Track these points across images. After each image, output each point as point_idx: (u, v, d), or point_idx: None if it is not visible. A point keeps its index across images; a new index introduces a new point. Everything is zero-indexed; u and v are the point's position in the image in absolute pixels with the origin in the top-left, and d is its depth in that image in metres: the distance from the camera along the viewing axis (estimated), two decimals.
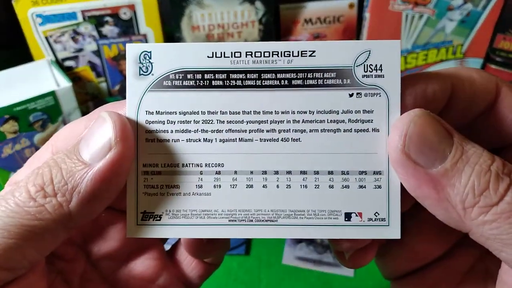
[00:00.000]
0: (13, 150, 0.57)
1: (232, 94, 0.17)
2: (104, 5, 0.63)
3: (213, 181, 0.17)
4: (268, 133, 0.17)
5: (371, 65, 0.17)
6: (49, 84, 0.59)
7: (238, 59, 0.17)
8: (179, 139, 0.17)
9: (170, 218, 0.17)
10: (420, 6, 0.68)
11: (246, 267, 0.55)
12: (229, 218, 0.17)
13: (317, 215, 0.17)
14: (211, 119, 0.17)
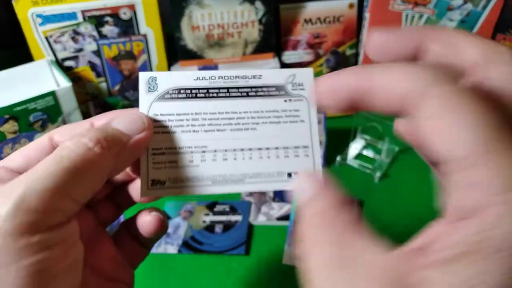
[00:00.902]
0: (13, 150, 0.57)
1: (211, 101, 0.26)
2: (104, 5, 0.63)
3: (200, 157, 0.26)
4: (235, 125, 0.26)
5: (296, 83, 0.27)
6: (49, 84, 0.59)
7: (214, 80, 0.26)
8: (176, 131, 0.26)
9: (171, 183, 0.26)
10: (420, 6, 0.68)
11: (246, 266, 0.55)
12: (212, 180, 0.26)
13: (270, 176, 0.26)
14: (197, 117, 0.26)
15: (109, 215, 0.31)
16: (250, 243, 0.57)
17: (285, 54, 0.76)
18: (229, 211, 0.61)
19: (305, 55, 0.76)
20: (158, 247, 0.57)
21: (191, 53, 0.71)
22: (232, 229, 0.58)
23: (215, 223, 0.60)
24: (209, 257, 0.56)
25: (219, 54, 0.72)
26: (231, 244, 0.56)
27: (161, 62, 0.70)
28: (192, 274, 0.54)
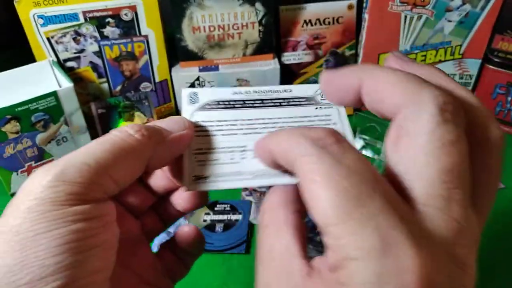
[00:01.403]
0: (15, 150, 0.58)
1: (247, 110, 0.29)
2: (105, 6, 0.64)
3: (240, 155, 0.27)
4: (272, 128, 0.28)
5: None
6: (50, 85, 0.59)
7: (249, 94, 0.30)
8: (216, 134, 0.28)
9: (214, 177, 0.27)
10: (419, 7, 0.69)
11: (246, 266, 0.55)
12: (252, 175, 0.27)
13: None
14: (236, 123, 0.28)
15: (153, 227, 0.32)
16: (250, 242, 0.58)
17: (285, 55, 0.76)
18: (230, 210, 0.62)
19: (305, 56, 0.77)
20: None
21: (191, 54, 0.71)
22: (233, 228, 0.59)
23: (215, 222, 0.60)
24: (210, 256, 0.56)
25: (220, 55, 0.72)
26: (232, 243, 0.57)
27: (162, 63, 0.71)
28: (193, 272, 0.54)
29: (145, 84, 0.72)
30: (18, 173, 0.59)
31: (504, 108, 0.75)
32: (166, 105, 0.76)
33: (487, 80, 0.74)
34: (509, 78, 0.72)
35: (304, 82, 0.79)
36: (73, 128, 0.61)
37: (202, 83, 0.72)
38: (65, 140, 0.61)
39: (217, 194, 0.66)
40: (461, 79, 0.76)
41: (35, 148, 0.59)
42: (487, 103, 0.76)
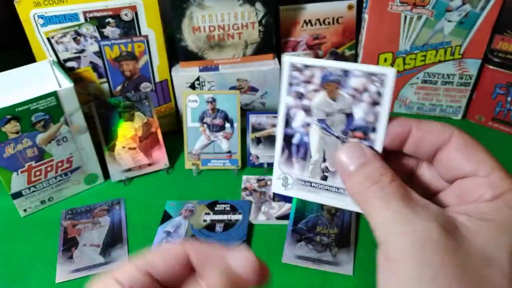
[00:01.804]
0: (15, 150, 0.58)
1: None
2: (105, 6, 0.64)
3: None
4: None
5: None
6: (51, 85, 0.59)
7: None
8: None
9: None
10: (418, 7, 0.69)
11: None
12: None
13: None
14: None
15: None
16: (250, 242, 0.58)
17: (285, 55, 0.76)
18: (230, 210, 0.62)
19: (305, 56, 0.77)
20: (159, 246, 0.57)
21: (191, 54, 0.71)
22: (233, 228, 0.59)
23: (215, 222, 0.60)
24: None
25: (220, 55, 0.72)
26: (232, 243, 0.57)
27: (162, 63, 0.71)
28: None
29: (145, 84, 0.72)
30: (18, 173, 0.59)
31: (504, 108, 0.75)
32: (166, 105, 0.76)
33: (487, 80, 0.74)
34: (509, 78, 0.72)
35: None
36: (73, 128, 0.61)
37: (202, 83, 0.73)
38: (65, 140, 0.61)
39: (217, 194, 0.66)
40: (461, 79, 0.76)
41: (35, 148, 0.59)
42: (487, 103, 0.76)
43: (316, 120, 0.32)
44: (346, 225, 0.59)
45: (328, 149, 0.32)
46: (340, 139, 0.31)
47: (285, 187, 0.33)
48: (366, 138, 0.30)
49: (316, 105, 0.31)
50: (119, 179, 0.69)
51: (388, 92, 0.29)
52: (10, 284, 0.54)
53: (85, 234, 0.60)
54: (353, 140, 0.30)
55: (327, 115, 0.31)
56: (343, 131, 0.31)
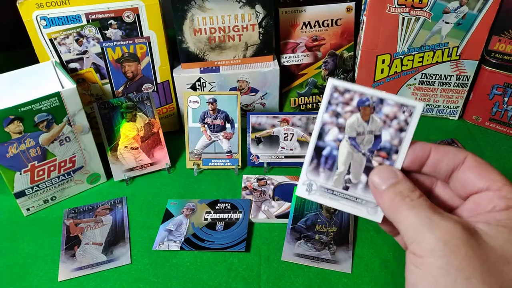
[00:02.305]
0: (18, 150, 0.58)
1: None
2: (107, 8, 0.65)
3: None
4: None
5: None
6: (53, 86, 0.60)
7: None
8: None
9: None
10: (416, 9, 0.70)
11: (246, 263, 0.56)
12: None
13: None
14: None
15: None
16: (250, 240, 0.59)
17: (284, 56, 0.77)
18: (230, 209, 0.62)
19: (304, 57, 0.78)
20: (161, 244, 0.58)
21: (193, 55, 0.72)
22: (233, 227, 0.60)
23: (216, 221, 0.61)
24: (211, 254, 0.57)
25: (220, 56, 0.73)
26: (232, 241, 0.58)
27: (164, 65, 0.72)
28: (194, 270, 0.55)
29: (147, 85, 0.73)
30: (21, 173, 0.60)
31: (500, 108, 0.76)
32: (168, 105, 0.77)
33: (484, 81, 0.75)
34: (505, 79, 0.73)
35: (303, 83, 0.80)
36: (76, 128, 0.62)
37: (203, 84, 0.73)
38: (68, 140, 0.62)
39: (217, 193, 0.67)
40: (458, 80, 0.76)
41: (38, 148, 0.60)
42: (484, 103, 0.77)
43: (347, 137, 0.36)
44: (345, 224, 0.60)
45: (354, 164, 0.36)
46: (366, 156, 0.36)
47: (309, 192, 0.38)
48: (389, 158, 0.35)
49: (350, 124, 0.36)
50: (121, 179, 0.69)
51: (415, 122, 0.34)
52: (13, 282, 0.55)
53: (87, 233, 0.61)
54: (377, 158, 0.35)
55: (357, 134, 0.36)
56: (369, 149, 0.36)
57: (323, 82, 0.80)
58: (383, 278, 0.54)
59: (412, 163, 0.34)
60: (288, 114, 0.70)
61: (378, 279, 0.53)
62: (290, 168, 0.71)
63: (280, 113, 0.74)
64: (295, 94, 0.80)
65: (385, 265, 0.55)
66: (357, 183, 0.36)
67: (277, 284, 0.53)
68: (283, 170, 0.71)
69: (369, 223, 0.61)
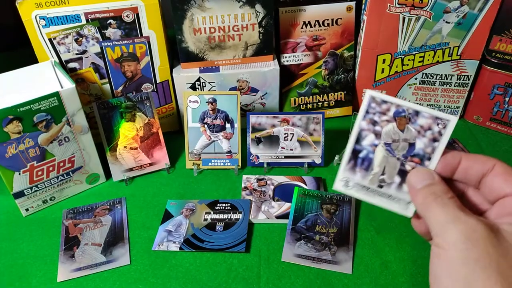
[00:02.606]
0: (17, 150, 0.58)
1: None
2: (107, 7, 0.65)
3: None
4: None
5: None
6: (53, 85, 0.60)
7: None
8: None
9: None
10: (417, 8, 0.69)
11: (246, 264, 0.55)
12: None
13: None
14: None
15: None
16: (250, 241, 0.58)
17: (284, 56, 0.77)
18: (230, 210, 0.62)
19: (304, 57, 0.77)
20: (160, 245, 0.58)
21: (192, 55, 0.72)
22: (233, 227, 0.59)
23: (216, 221, 0.61)
24: (210, 255, 0.57)
25: (220, 56, 0.73)
26: (232, 242, 0.57)
27: (163, 64, 0.72)
28: (194, 271, 0.55)
29: (147, 84, 0.73)
30: (20, 173, 0.60)
31: (501, 108, 0.75)
32: (167, 105, 0.76)
33: (484, 81, 0.75)
34: (506, 79, 0.73)
35: (303, 83, 0.79)
36: (75, 128, 0.62)
37: (203, 84, 0.73)
38: (67, 140, 0.62)
39: (217, 193, 0.67)
40: (459, 79, 0.76)
41: (37, 148, 0.59)
42: (484, 103, 0.77)
43: (383, 143, 0.41)
44: (345, 224, 0.59)
45: (388, 166, 0.41)
46: (400, 161, 0.40)
47: (346, 187, 0.42)
48: (421, 164, 0.39)
49: (386, 132, 0.40)
50: (120, 179, 0.69)
51: (448, 134, 0.38)
52: (12, 283, 0.55)
53: (86, 233, 0.60)
54: (411, 163, 0.40)
55: (393, 141, 0.40)
56: (403, 155, 0.40)
57: (323, 82, 0.80)
58: (383, 279, 0.53)
59: (444, 170, 0.37)
60: (288, 114, 0.70)
61: (378, 280, 0.53)
62: (290, 168, 0.71)
63: (280, 113, 0.74)
64: (295, 94, 0.80)
65: (386, 265, 0.55)
66: (391, 183, 0.40)
67: (277, 285, 0.53)
68: (283, 170, 0.70)
69: (369, 224, 0.60)
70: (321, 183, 0.67)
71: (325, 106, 0.82)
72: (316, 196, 0.63)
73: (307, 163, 0.69)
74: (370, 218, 0.61)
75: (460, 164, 0.37)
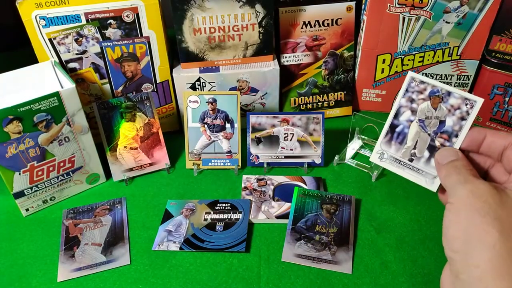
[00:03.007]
0: (17, 150, 0.58)
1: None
2: (107, 7, 0.65)
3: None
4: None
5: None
6: (53, 86, 0.60)
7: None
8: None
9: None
10: (417, 8, 0.69)
11: (246, 264, 0.56)
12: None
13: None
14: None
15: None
16: (250, 241, 0.58)
17: (284, 56, 0.77)
18: (230, 210, 0.62)
19: (304, 57, 0.77)
20: (160, 245, 0.58)
21: (192, 55, 0.72)
22: (233, 227, 0.59)
23: (216, 221, 0.61)
24: (210, 255, 0.57)
25: (220, 56, 0.73)
26: (232, 242, 0.57)
27: (163, 64, 0.72)
28: (194, 271, 0.55)
29: (147, 85, 0.73)
30: (20, 173, 0.60)
31: (501, 108, 0.75)
32: (167, 105, 0.77)
33: (484, 81, 0.75)
34: (506, 79, 0.73)
35: (303, 83, 0.79)
36: (75, 128, 0.62)
37: (203, 84, 0.73)
38: (67, 140, 0.62)
39: (217, 193, 0.67)
40: (459, 79, 0.76)
41: (37, 148, 0.59)
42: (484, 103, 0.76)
43: (417, 119, 0.46)
44: (345, 224, 0.59)
45: (420, 141, 0.46)
46: (430, 136, 0.45)
47: (380, 160, 0.47)
48: (449, 140, 0.44)
49: (421, 109, 0.46)
50: (120, 179, 0.69)
51: (475, 113, 0.43)
52: (12, 283, 0.55)
53: (86, 233, 0.60)
54: (440, 139, 0.44)
55: (426, 118, 0.45)
56: (434, 131, 0.45)
57: (323, 82, 0.80)
58: (383, 279, 0.53)
59: (470, 144, 0.42)
60: (288, 114, 0.70)
61: (378, 280, 0.53)
62: (290, 168, 0.71)
63: (280, 113, 0.74)
64: (295, 94, 0.80)
65: (386, 265, 0.55)
66: (421, 157, 0.45)
67: (277, 285, 0.53)
68: (283, 170, 0.70)
69: (369, 224, 0.60)
70: (321, 183, 0.67)
71: (325, 106, 0.82)
72: (316, 196, 0.63)
73: (307, 163, 0.69)
74: (370, 218, 0.61)
75: (485, 139, 0.41)
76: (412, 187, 0.64)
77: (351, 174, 0.69)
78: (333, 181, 0.68)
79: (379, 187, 0.66)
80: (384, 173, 0.68)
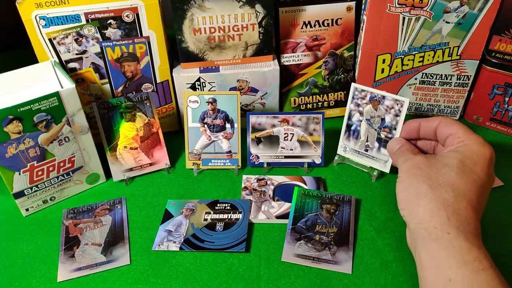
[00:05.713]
0: (17, 150, 0.58)
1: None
2: (107, 7, 0.65)
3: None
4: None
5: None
6: (53, 85, 0.60)
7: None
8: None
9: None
10: (417, 8, 0.69)
11: (246, 264, 0.56)
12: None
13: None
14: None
15: None
16: (250, 241, 0.58)
17: (284, 56, 0.77)
18: (230, 210, 0.62)
19: (304, 57, 0.77)
20: (160, 245, 0.58)
21: (192, 55, 0.72)
22: (233, 227, 0.59)
23: (216, 221, 0.61)
24: (210, 255, 0.57)
25: (220, 56, 0.73)
26: (232, 242, 0.57)
27: (163, 64, 0.72)
28: (194, 271, 0.55)
29: (147, 84, 0.73)
30: (20, 173, 0.60)
31: (501, 108, 0.75)
32: (167, 105, 0.77)
33: (484, 81, 0.75)
34: (506, 79, 0.73)
35: (303, 83, 0.79)
36: (75, 128, 0.62)
37: (203, 84, 0.73)
38: (67, 140, 0.62)
39: (217, 193, 0.67)
40: (459, 79, 0.76)
41: (37, 148, 0.59)
42: (484, 103, 0.77)
43: (365, 119, 0.63)
44: (345, 224, 0.59)
45: (370, 135, 0.63)
46: (377, 131, 0.62)
47: (345, 152, 0.67)
48: (390, 132, 0.61)
49: (366, 111, 0.63)
50: (120, 179, 0.69)
51: (405, 110, 0.59)
52: (11, 283, 0.55)
53: (86, 233, 0.60)
54: (383, 133, 0.61)
55: (371, 117, 0.62)
56: (378, 127, 0.62)
57: (323, 82, 0.80)
58: (383, 279, 0.53)
59: (409, 133, 0.58)
60: (288, 114, 0.70)
61: (378, 280, 0.53)
62: (290, 168, 0.71)
63: (280, 113, 0.74)
64: (295, 94, 0.80)
65: (386, 265, 0.55)
66: (373, 147, 0.63)
67: (277, 285, 0.53)
68: (283, 170, 0.70)
69: (369, 224, 0.60)
70: (321, 183, 0.67)
71: (325, 106, 0.82)
72: (316, 196, 0.63)
73: (307, 163, 0.69)
74: (370, 218, 0.61)
75: (420, 126, 0.56)
76: None
77: (351, 174, 0.69)
78: (333, 181, 0.68)
79: (379, 187, 0.66)
80: (383, 173, 0.68)
